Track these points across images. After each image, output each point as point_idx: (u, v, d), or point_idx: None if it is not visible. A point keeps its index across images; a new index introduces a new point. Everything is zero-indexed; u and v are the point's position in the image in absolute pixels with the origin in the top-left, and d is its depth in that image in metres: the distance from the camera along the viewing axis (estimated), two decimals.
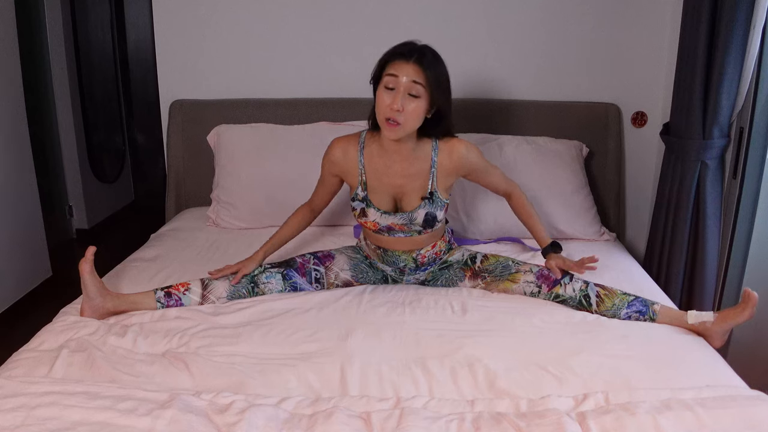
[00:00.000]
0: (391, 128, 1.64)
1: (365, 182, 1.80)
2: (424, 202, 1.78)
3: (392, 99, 1.61)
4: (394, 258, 1.89)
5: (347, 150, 1.81)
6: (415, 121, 1.66)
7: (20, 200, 3.02)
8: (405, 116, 1.62)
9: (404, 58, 1.62)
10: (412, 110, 1.63)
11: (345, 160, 1.82)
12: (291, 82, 2.64)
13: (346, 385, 1.40)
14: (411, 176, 1.78)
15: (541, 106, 2.59)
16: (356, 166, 1.80)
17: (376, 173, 1.79)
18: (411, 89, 1.61)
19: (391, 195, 1.81)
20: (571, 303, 1.79)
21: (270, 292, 1.84)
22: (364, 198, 1.81)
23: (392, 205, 1.82)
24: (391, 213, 1.80)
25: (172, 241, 2.26)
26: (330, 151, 1.84)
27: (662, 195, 2.35)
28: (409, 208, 1.80)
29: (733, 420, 1.22)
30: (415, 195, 1.79)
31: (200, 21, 2.61)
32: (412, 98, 1.62)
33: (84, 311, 1.67)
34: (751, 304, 1.63)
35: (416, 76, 1.61)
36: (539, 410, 1.27)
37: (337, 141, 1.84)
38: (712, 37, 2.05)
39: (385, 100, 1.63)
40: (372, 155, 1.79)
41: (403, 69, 1.61)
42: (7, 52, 2.92)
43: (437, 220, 1.81)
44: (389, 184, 1.79)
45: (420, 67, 1.61)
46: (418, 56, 1.62)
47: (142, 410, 1.22)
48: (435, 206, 1.79)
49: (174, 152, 2.62)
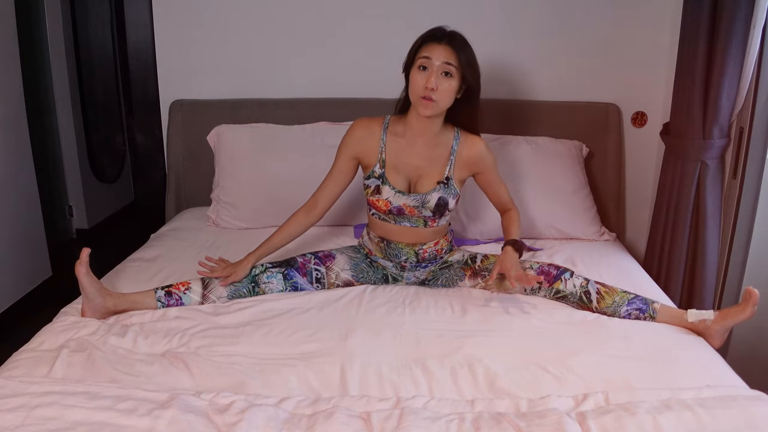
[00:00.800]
0: (426, 104, 1.73)
1: (384, 160, 1.85)
2: (439, 185, 1.84)
3: (427, 78, 1.71)
4: (397, 251, 1.89)
5: (372, 127, 1.88)
6: (448, 99, 1.75)
7: (20, 200, 3.02)
8: (439, 94, 1.72)
9: (437, 40, 1.73)
10: (446, 89, 1.72)
11: (369, 137, 1.87)
12: (291, 82, 2.64)
13: (346, 385, 1.40)
14: (430, 159, 1.85)
15: (541, 106, 2.59)
16: (378, 144, 1.86)
17: (397, 152, 1.85)
18: (444, 69, 1.71)
19: (408, 177, 1.86)
20: (571, 299, 1.79)
21: (271, 292, 1.84)
22: (380, 176, 1.85)
23: (407, 187, 1.86)
24: (405, 193, 1.84)
25: (172, 241, 2.26)
26: (354, 129, 1.89)
27: (662, 195, 2.35)
28: (424, 191, 1.84)
29: (733, 420, 1.22)
30: (431, 179, 1.85)
31: (200, 21, 2.61)
32: (446, 77, 1.72)
33: (84, 312, 1.67)
34: (752, 302, 1.63)
35: (449, 56, 1.71)
36: (539, 410, 1.27)
37: (361, 120, 1.91)
38: (712, 37, 2.05)
39: (420, 81, 1.72)
40: (395, 135, 1.86)
41: (436, 50, 1.71)
42: (7, 52, 2.92)
43: (448, 208, 1.85)
44: (408, 164, 1.85)
45: (452, 49, 1.72)
46: (449, 39, 1.73)
47: (142, 410, 1.22)
48: (449, 192, 1.84)
49: (174, 152, 2.62)
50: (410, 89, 1.76)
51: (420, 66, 1.72)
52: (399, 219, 1.87)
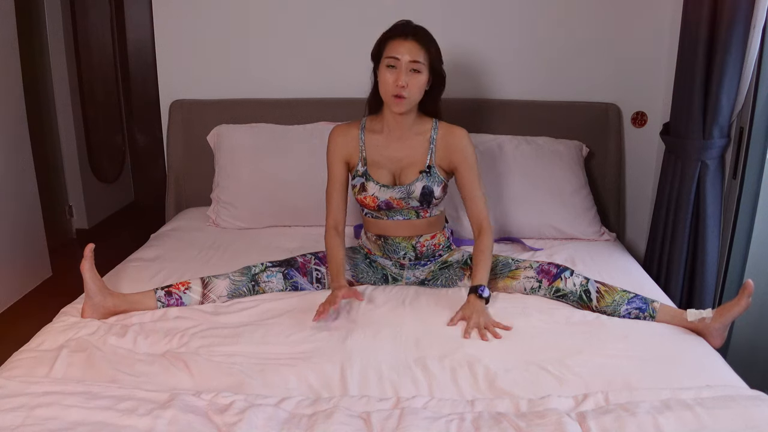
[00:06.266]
0: (398, 102, 1.76)
1: (365, 158, 1.87)
2: (421, 175, 1.85)
3: (396, 76, 1.73)
4: (395, 246, 1.90)
5: (349, 131, 1.91)
6: (419, 93, 1.78)
7: (20, 200, 3.02)
8: (410, 90, 1.75)
9: (403, 37, 1.75)
10: (415, 83, 1.75)
11: (349, 141, 1.89)
12: (291, 82, 2.64)
13: (346, 385, 1.40)
14: (410, 150, 1.86)
15: (541, 106, 2.59)
16: (358, 144, 1.88)
17: (377, 147, 1.88)
18: (412, 66, 1.73)
19: (391, 170, 1.87)
20: (571, 298, 1.79)
21: (271, 291, 1.84)
22: (363, 173, 1.87)
23: (391, 180, 1.88)
24: (390, 186, 1.86)
25: (172, 241, 2.26)
26: (333, 137, 1.91)
27: (662, 195, 2.35)
28: (407, 182, 1.85)
29: (733, 420, 1.22)
30: (413, 169, 1.86)
31: (200, 21, 2.61)
32: (414, 73, 1.74)
33: (85, 312, 1.67)
34: (746, 293, 1.62)
35: (416, 53, 1.73)
36: (539, 410, 1.27)
37: (335, 128, 1.94)
38: (712, 37, 2.05)
39: (389, 79, 1.74)
40: (373, 132, 1.89)
41: (403, 47, 1.73)
42: (7, 52, 2.92)
43: (434, 196, 1.85)
44: (389, 158, 1.87)
45: (419, 45, 1.74)
46: (414, 35, 1.75)
47: (142, 410, 1.22)
48: (432, 180, 1.85)
49: (174, 152, 2.63)
50: (381, 88, 1.78)
51: (387, 64, 1.74)
52: (390, 213, 1.88)
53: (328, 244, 1.88)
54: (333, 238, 1.88)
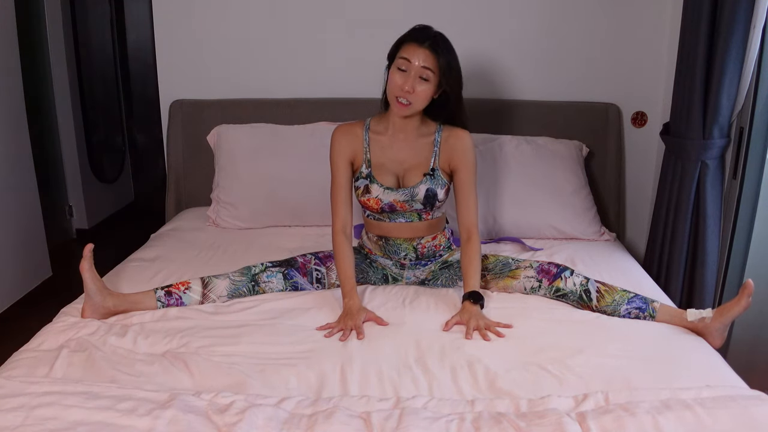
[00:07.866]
0: (401, 107, 1.75)
1: (369, 160, 1.86)
2: (425, 177, 1.84)
3: (404, 80, 1.72)
4: (396, 247, 1.90)
5: (353, 131, 1.89)
6: (423, 102, 1.77)
7: (20, 200, 3.02)
8: (414, 97, 1.73)
9: (419, 42, 1.72)
10: (421, 92, 1.73)
11: (353, 140, 1.87)
12: (291, 82, 2.64)
13: (346, 385, 1.40)
14: (414, 152, 1.86)
15: (541, 106, 2.59)
16: (362, 145, 1.87)
17: (382, 149, 1.87)
18: (422, 73, 1.72)
19: (394, 173, 1.86)
20: (571, 297, 1.79)
21: (271, 291, 1.84)
22: (368, 175, 1.86)
23: (395, 183, 1.87)
24: (394, 189, 1.85)
25: (172, 241, 2.26)
26: (336, 136, 1.89)
27: (662, 195, 2.35)
28: (411, 184, 1.85)
29: (733, 420, 1.22)
30: (417, 172, 1.85)
31: (200, 21, 2.61)
32: (422, 81, 1.73)
33: (85, 312, 1.67)
34: (746, 292, 1.62)
35: (428, 60, 1.71)
36: (539, 410, 1.27)
37: (339, 127, 1.92)
38: (712, 37, 2.05)
39: (397, 81, 1.73)
40: (377, 134, 1.88)
41: (417, 53, 1.71)
42: (7, 51, 2.92)
43: (438, 199, 1.85)
44: (393, 160, 1.86)
45: (432, 53, 1.71)
46: (432, 42, 1.72)
47: (142, 410, 1.22)
48: (436, 183, 1.84)
49: (174, 152, 2.63)
50: (388, 87, 1.78)
51: (399, 66, 1.73)
52: (393, 216, 1.87)
53: (338, 252, 1.82)
54: (342, 244, 1.82)
